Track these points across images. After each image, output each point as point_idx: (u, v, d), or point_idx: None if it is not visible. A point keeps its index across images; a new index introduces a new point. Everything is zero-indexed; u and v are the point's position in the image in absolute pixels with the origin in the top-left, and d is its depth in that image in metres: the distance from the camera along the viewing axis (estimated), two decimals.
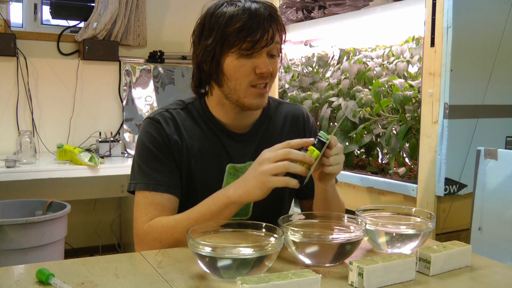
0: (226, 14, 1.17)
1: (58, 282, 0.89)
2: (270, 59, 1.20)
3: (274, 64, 1.21)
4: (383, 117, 2.36)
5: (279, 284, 0.82)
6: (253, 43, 1.16)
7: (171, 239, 1.14)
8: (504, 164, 1.61)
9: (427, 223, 1.13)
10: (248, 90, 1.20)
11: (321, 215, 1.17)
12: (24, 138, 2.86)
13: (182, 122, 1.27)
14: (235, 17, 1.16)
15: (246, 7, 1.17)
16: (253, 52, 1.17)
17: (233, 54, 1.18)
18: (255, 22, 1.15)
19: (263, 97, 1.23)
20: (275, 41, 1.19)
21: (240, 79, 1.19)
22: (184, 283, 0.93)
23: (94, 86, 3.51)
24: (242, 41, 1.15)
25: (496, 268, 1.07)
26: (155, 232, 1.16)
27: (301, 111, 1.41)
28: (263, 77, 1.19)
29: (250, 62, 1.18)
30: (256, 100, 1.22)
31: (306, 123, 1.39)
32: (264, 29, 1.16)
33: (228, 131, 1.28)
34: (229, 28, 1.16)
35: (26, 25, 3.43)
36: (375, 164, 2.60)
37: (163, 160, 1.22)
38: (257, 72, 1.18)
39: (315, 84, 3.03)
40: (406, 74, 2.43)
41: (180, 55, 3.77)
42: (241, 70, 1.18)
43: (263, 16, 1.16)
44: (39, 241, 2.49)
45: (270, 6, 1.22)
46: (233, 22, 1.16)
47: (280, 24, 1.22)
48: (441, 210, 1.96)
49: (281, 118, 1.36)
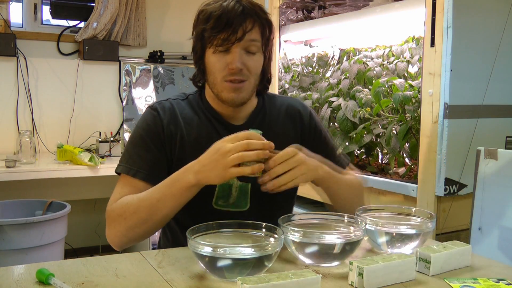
0: (206, 12, 1.23)
1: (58, 282, 0.89)
2: (247, 55, 1.23)
3: (253, 60, 1.24)
4: (383, 117, 2.36)
5: (279, 284, 0.82)
6: (223, 40, 1.20)
7: (135, 217, 1.15)
8: (504, 164, 1.61)
9: (427, 223, 1.13)
10: (223, 84, 1.24)
11: (321, 215, 1.17)
12: (24, 138, 2.86)
13: (180, 112, 1.31)
14: (211, 14, 1.21)
15: (224, 5, 1.21)
16: (225, 48, 1.21)
17: (210, 50, 1.23)
18: (225, 19, 1.19)
19: (239, 92, 1.25)
20: (248, 38, 1.21)
21: (216, 73, 1.24)
22: (184, 283, 0.93)
23: (94, 86, 3.51)
24: (214, 38, 1.20)
25: (496, 268, 1.07)
26: (120, 209, 1.18)
27: (298, 102, 1.43)
28: (233, 73, 1.22)
29: (224, 58, 1.22)
30: (231, 94, 1.24)
31: (304, 115, 1.39)
32: (234, 26, 1.19)
33: (224, 121, 1.32)
34: (205, 25, 1.22)
35: (26, 25, 3.43)
36: (375, 164, 2.60)
37: (151, 149, 1.26)
38: (228, 68, 1.22)
39: (315, 84, 3.03)
40: (406, 74, 2.43)
41: (180, 55, 3.77)
42: (216, 65, 1.23)
43: (234, 14, 1.20)
44: (39, 241, 2.49)
45: (250, 3, 1.24)
46: (209, 20, 1.21)
47: (259, 21, 1.23)
48: (441, 210, 1.96)
49: (275, 110, 1.38)
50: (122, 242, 1.20)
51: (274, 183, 1.10)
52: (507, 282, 0.96)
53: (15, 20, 3.38)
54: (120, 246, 1.21)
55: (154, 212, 1.14)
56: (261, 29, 1.24)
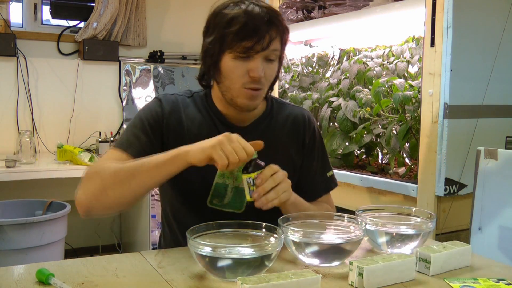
0: (228, 15, 1.19)
1: (58, 282, 0.89)
2: (266, 63, 1.21)
3: (270, 69, 1.23)
4: (383, 117, 2.36)
5: (279, 284, 0.82)
6: (247, 48, 1.17)
7: (112, 177, 1.12)
8: (504, 164, 1.61)
9: (427, 223, 1.13)
10: (240, 91, 1.22)
11: (321, 215, 1.17)
12: (24, 138, 2.86)
13: (184, 108, 1.31)
14: (235, 19, 1.18)
15: (248, 10, 1.18)
16: (247, 56, 1.19)
17: (230, 55, 1.20)
18: (252, 27, 1.16)
19: (255, 99, 1.24)
20: (272, 48, 1.20)
21: (234, 79, 1.21)
22: (184, 283, 0.93)
23: (94, 86, 3.50)
24: (238, 44, 1.17)
25: (496, 268, 1.07)
26: (99, 167, 1.16)
27: (303, 113, 1.41)
28: (255, 80, 1.20)
29: (245, 64, 1.20)
30: (248, 101, 1.23)
31: (307, 126, 1.39)
32: (260, 35, 1.17)
33: (228, 122, 1.31)
34: (228, 30, 1.18)
35: (26, 25, 3.43)
36: (375, 164, 2.60)
37: (147, 133, 1.25)
38: (250, 75, 1.20)
39: (315, 84, 3.04)
40: (406, 74, 2.43)
41: (180, 55, 3.77)
42: (236, 71, 1.20)
43: (261, 21, 1.17)
44: (39, 241, 2.48)
45: (273, 11, 1.22)
46: (232, 24, 1.18)
47: (281, 30, 1.22)
48: (441, 210, 1.96)
49: (282, 118, 1.37)
50: (90, 204, 1.13)
51: (262, 201, 1.09)
52: (507, 282, 0.96)
53: (15, 20, 3.38)
54: (87, 210, 1.14)
55: (133, 175, 1.11)
56: (281, 37, 1.22)
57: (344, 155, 2.56)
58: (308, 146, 1.38)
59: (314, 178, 1.38)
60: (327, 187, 1.40)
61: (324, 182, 1.39)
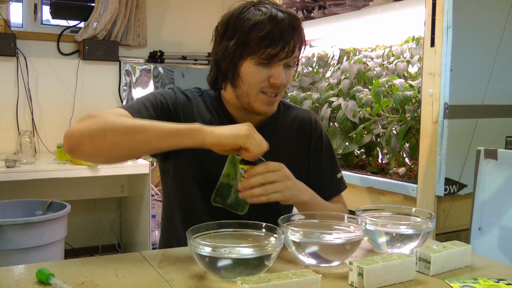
0: (251, 20, 1.16)
1: (58, 282, 0.89)
2: (286, 69, 1.21)
3: (289, 75, 1.23)
4: (383, 117, 2.36)
5: (279, 284, 0.82)
6: (273, 54, 1.16)
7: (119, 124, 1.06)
8: (504, 164, 1.61)
9: (427, 223, 1.13)
10: (258, 96, 1.21)
11: (321, 215, 1.17)
12: (24, 138, 2.86)
13: (196, 104, 1.30)
14: (260, 24, 1.15)
15: (273, 15, 1.16)
16: (270, 62, 1.18)
17: (251, 60, 1.18)
18: (278, 33, 1.15)
19: (272, 105, 1.24)
20: (294, 55, 1.20)
21: (254, 84, 1.20)
22: (184, 283, 0.93)
23: (94, 86, 3.50)
24: (263, 50, 1.16)
25: (496, 268, 1.07)
26: (105, 111, 1.10)
27: (309, 116, 1.40)
28: (275, 87, 1.20)
29: (267, 70, 1.19)
30: (265, 107, 1.23)
31: (314, 129, 1.39)
32: (286, 41, 1.16)
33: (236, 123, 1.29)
34: (252, 35, 1.16)
35: (26, 25, 3.43)
36: (375, 164, 2.60)
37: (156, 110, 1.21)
38: (271, 81, 1.19)
39: (315, 84, 3.03)
40: (406, 74, 2.43)
41: (180, 55, 3.77)
42: (256, 77, 1.19)
43: (286, 28, 1.16)
44: (39, 241, 2.48)
45: (295, 17, 1.21)
46: (256, 29, 1.15)
47: (301, 36, 1.21)
48: (441, 210, 1.96)
49: (289, 121, 1.37)
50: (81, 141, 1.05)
51: (246, 194, 1.09)
52: (507, 282, 0.96)
53: (15, 20, 3.38)
54: (74, 145, 1.06)
55: (141, 130, 1.06)
56: (300, 43, 1.22)
57: (344, 155, 2.56)
58: (315, 149, 1.38)
59: (323, 180, 1.37)
60: (337, 189, 1.40)
61: (334, 184, 1.39)
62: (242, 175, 1.12)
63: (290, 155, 1.33)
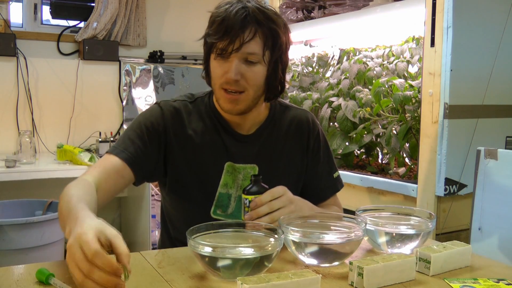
0: (212, 15, 1.19)
1: (58, 282, 0.89)
2: (247, 66, 1.17)
3: (252, 71, 1.17)
4: (383, 117, 2.36)
5: (279, 284, 0.82)
6: (221, 48, 1.16)
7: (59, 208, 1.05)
8: (504, 164, 1.60)
9: (427, 223, 1.13)
10: (220, 92, 1.20)
11: (321, 215, 1.17)
12: (24, 138, 2.86)
13: (187, 115, 1.28)
14: (215, 19, 1.17)
15: (229, 10, 1.16)
16: (223, 57, 1.17)
17: (212, 55, 1.20)
18: (224, 28, 1.14)
19: (235, 103, 1.20)
20: (246, 50, 1.15)
21: (215, 79, 1.21)
22: (184, 283, 0.92)
23: (94, 86, 3.50)
24: (215, 44, 1.17)
25: (496, 268, 1.07)
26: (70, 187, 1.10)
27: (307, 116, 1.38)
28: (229, 82, 1.17)
29: (223, 65, 1.18)
30: (227, 104, 1.21)
31: (312, 129, 1.37)
32: (234, 35, 1.14)
33: (231, 130, 1.29)
34: (209, 30, 1.19)
35: (26, 25, 3.43)
36: (375, 164, 2.60)
37: (144, 140, 1.22)
38: (225, 76, 1.18)
39: (315, 84, 3.03)
40: (406, 74, 2.43)
41: (180, 55, 3.77)
42: (215, 71, 1.20)
43: (234, 22, 1.14)
44: (39, 241, 2.48)
45: (258, 9, 1.16)
46: (210, 24, 1.19)
47: (265, 32, 1.16)
48: (441, 210, 1.96)
49: (286, 122, 1.35)
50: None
51: (254, 225, 1.07)
52: (507, 282, 0.96)
53: (15, 20, 3.37)
54: None
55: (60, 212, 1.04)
56: (264, 39, 1.17)
57: (344, 155, 2.56)
58: (313, 150, 1.37)
59: (320, 180, 1.37)
60: (334, 189, 1.40)
61: (331, 183, 1.39)
62: (246, 205, 1.10)
63: (289, 156, 1.33)
